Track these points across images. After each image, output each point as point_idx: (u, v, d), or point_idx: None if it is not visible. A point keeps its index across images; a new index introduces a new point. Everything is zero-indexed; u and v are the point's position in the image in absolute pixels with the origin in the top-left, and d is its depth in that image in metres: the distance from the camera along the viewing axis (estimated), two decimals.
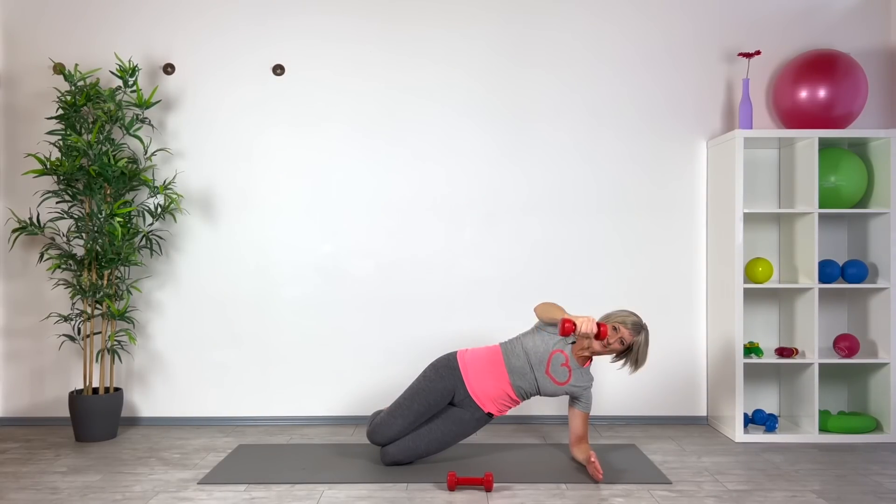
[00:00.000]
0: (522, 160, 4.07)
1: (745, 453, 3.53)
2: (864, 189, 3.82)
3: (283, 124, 4.08)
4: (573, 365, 3.27)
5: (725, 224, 3.84)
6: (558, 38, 4.07)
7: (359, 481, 3.08)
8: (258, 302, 4.07)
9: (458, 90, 4.07)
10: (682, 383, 4.10)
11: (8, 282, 4.07)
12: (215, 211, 4.08)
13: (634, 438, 3.79)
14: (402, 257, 4.08)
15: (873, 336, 3.86)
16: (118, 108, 3.75)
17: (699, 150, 4.09)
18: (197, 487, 3.04)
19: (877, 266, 3.85)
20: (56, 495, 2.95)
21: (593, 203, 4.07)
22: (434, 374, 3.29)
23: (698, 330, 4.10)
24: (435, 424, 3.27)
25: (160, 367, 4.09)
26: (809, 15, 4.08)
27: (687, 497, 2.92)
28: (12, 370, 4.08)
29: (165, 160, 4.07)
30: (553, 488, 3.01)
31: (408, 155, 4.08)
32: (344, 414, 4.08)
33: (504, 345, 3.34)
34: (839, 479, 3.14)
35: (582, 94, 4.08)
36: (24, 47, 4.06)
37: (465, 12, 4.07)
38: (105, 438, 3.77)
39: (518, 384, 3.25)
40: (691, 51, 4.08)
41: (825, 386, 4.04)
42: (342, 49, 4.07)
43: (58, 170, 3.67)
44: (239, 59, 4.07)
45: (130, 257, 3.76)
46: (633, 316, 3.26)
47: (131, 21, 4.07)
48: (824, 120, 3.81)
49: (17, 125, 4.06)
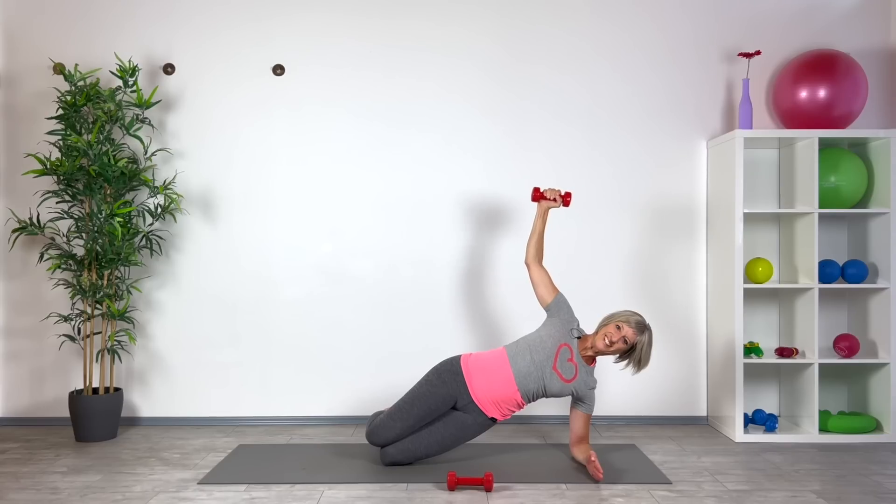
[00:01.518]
0: (523, 160, 4.07)
1: (745, 453, 3.53)
2: (864, 189, 3.82)
3: (283, 124, 4.08)
4: (578, 361, 3.27)
5: (725, 224, 3.84)
6: (559, 36, 4.07)
7: (359, 481, 3.08)
8: (258, 302, 4.07)
9: (458, 89, 4.07)
10: (682, 383, 4.10)
11: (8, 282, 4.07)
12: (215, 211, 4.08)
13: (634, 438, 3.79)
14: (403, 257, 4.08)
15: (873, 336, 3.86)
16: (118, 108, 3.75)
17: (699, 150, 4.09)
18: (197, 487, 3.04)
19: (877, 266, 3.85)
20: (56, 495, 2.95)
21: (593, 203, 4.07)
22: (437, 379, 3.27)
23: (698, 330, 4.10)
24: (436, 427, 3.26)
25: (160, 367, 4.09)
26: (809, 15, 4.08)
27: (687, 497, 2.92)
28: (12, 370, 4.08)
29: (165, 160, 4.07)
30: (553, 488, 3.01)
31: (408, 154, 4.08)
32: (344, 414, 4.08)
33: (509, 347, 3.33)
34: (839, 479, 3.14)
35: (582, 94, 4.08)
36: (24, 47, 4.06)
37: (465, 11, 4.07)
38: (105, 438, 3.77)
39: (525, 386, 3.24)
40: (691, 51, 4.09)
41: (825, 386, 4.04)
42: (342, 49, 4.07)
43: (58, 170, 3.67)
44: (239, 58, 4.07)
45: (130, 257, 3.76)
46: (636, 316, 3.26)
47: (131, 21, 4.07)
48: (824, 120, 3.81)
49: (17, 125, 4.07)
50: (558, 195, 3.47)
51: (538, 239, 3.47)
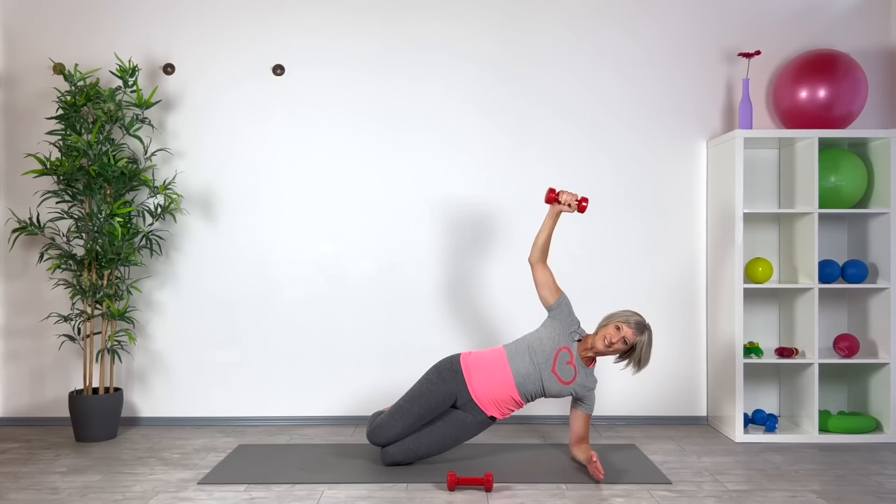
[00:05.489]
0: (523, 159, 4.07)
1: (745, 453, 3.53)
2: (864, 189, 3.82)
3: (283, 124, 4.08)
4: (578, 363, 3.27)
5: (725, 224, 3.84)
6: (559, 36, 4.07)
7: (359, 481, 3.08)
8: (258, 302, 4.07)
9: (459, 89, 4.07)
10: (682, 383, 4.10)
11: (8, 282, 4.07)
12: (215, 211, 4.08)
13: (634, 438, 3.79)
14: (403, 257, 4.08)
15: (873, 336, 3.86)
16: (118, 108, 3.75)
17: (699, 150, 4.09)
18: (197, 487, 3.04)
19: (877, 266, 3.85)
20: (56, 495, 2.95)
21: (593, 203, 4.07)
22: (436, 378, 3.28)
23: (698, 330, 4.10)
24: (436, 426, 3.26)
25: (160, 367, 4.09)
26: (809, 15, 4.08)
27: (687, 497, 2.92)
28: (12, 370, 4.08)
29: (165, 160, 4.07)
30: (553, 488, 3.01)
31: (408, 154, 4.08)
32: (344, 414, 4.08)
33: (508, 346, 3.33)
34: (839, 480, 3.14)
35: (582, 94, 4.08)
36: (24, 47, 4.06)
37: (466, 11, 4.07)
38: (105, 438, 3.77)
39: (523, 386, 3.24)
40: (691, 51, 4.09)
41: (825, 386, 4.04)
42: (342, 49, 4.07)
43: (58, 170, 3.67)
44: (239, 58, 4.07)
45: (130, 257, 3.76)
46: (636, 316, 3.26)
47: (131, 21, 4.07)
48: (824, 120, 3.81)
49: (17, 125, 4.07)
50: (574, 199, 3.33)
51: (545, 240, 3.40)
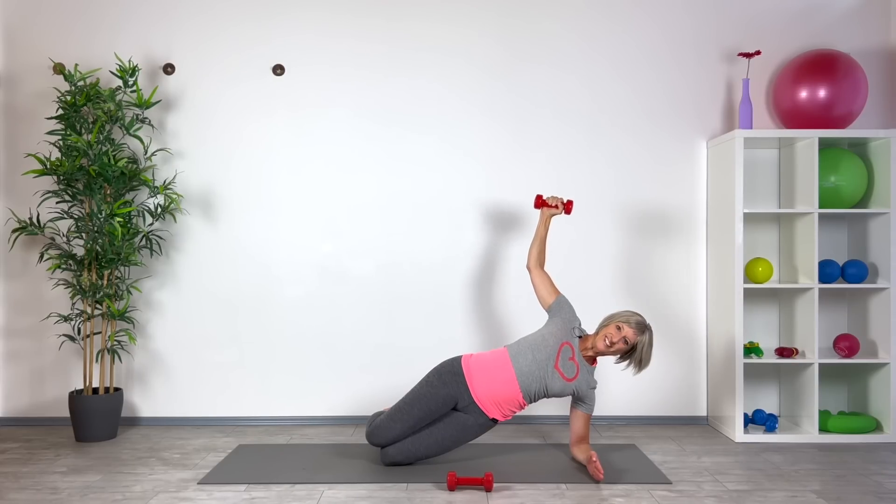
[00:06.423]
0: (522, 159, 4.07)
1: (745, 453, 3.53)
2: (864, 189, 3.82)
3: (283, 124, 4.08)
4: (580, 360, 3.27)
5: (725, 224, 3.84)
6: (559, 36, 4.07)
7: (359, 481, 3.08)
8: (258, 302, 4.07)
9: (459, 89, 4.07)
10: (682, 383, 4.10)
11: (8, 282, 4.07)
12: (215, 211, 4.08)
13: (634, 438, 3.79)
14: (403, 257, 4.08)
15: (873, 336, 3.86)
16: (118, 108, 3.75)
17: (699, 150, 4.09)
18: (197, 487, 3.04)
19: (877, 266, 3.85)
20: (56, 495, 2.95)
21: (593, 203, 4.07)
22: (437, 380, 3.27)
23: (698, 330, 4.10)
24: (436, 428, 3.25)
25: (160, 367, 4.09)
26: (809, 15, 4.08)
27: (687, 497, 2.92)
28: (12, 370, 4.08)
29: (165, 160, 4.07)
30: (553, 488, 3.01)
31: (408, 154, 4.08)
32: (344, 414, 4.08)
33: (510, 346, 3.33)
34: (839, 480, 3.14)
35: (582, 94, 4.08)
36: (24, 47, 4.06)
37: (465, 11, 4.07)
38: (105, 438, 3.77)
39: (527, 386, 3.23)
40: (691, 50, 4.09)
41: (825, 386, 4.04)
42: (342, 49, 4.07)
43: (58, 170, 3.67)
44: (239, 58, 4.07)
45: (130, 257, 3.76)
46: (636, 316, 3.26)
47: (131, 21, 4.07)
48: (824, 120, 3.81)
49: (17, 125, 4.07)
50: (560, 202, 3.51)
51: (540, 245, 3.49)
